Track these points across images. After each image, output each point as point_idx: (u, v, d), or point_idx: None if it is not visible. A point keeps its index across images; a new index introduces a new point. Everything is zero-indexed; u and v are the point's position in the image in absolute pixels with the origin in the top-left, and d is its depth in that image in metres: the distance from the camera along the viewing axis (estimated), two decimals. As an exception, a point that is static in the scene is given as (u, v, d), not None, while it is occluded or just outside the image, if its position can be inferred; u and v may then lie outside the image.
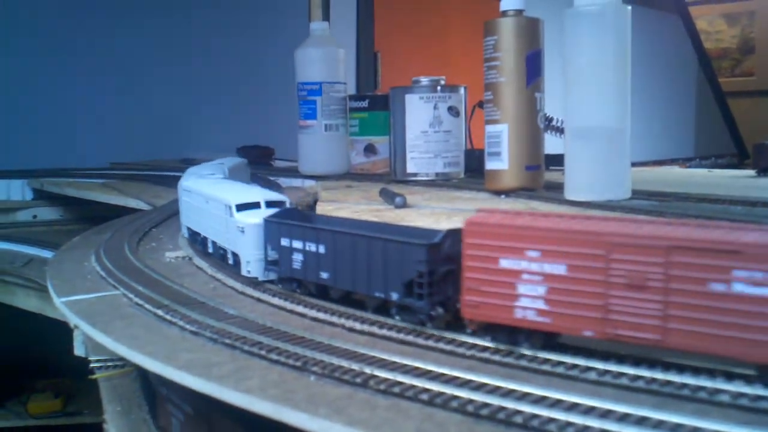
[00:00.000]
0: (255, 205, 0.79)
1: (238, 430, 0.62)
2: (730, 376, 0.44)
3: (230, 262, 0.81)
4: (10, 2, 2.45)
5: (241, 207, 0.79)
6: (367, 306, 0.64)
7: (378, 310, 0.62)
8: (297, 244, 0.70)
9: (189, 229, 0.98)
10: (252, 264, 0.76)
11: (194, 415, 0.71)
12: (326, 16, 2.81)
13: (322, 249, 0.67)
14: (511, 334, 0.52)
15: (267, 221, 0.75)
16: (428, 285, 0.56)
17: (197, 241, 0.93)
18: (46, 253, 1.66)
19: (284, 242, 0.71)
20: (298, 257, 0.70)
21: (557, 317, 0.49)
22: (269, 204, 0.79)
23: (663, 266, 0.44)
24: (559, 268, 0.49)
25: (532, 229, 0.50)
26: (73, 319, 0.71)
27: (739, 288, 0.42)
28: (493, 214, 0.54)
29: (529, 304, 0.50)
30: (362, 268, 0.63)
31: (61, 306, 0.74)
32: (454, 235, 0.56)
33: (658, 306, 0.45)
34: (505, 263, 0.51)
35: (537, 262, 0.50)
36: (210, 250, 0.88)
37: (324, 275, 0.67)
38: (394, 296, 0.59)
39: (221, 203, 0.82)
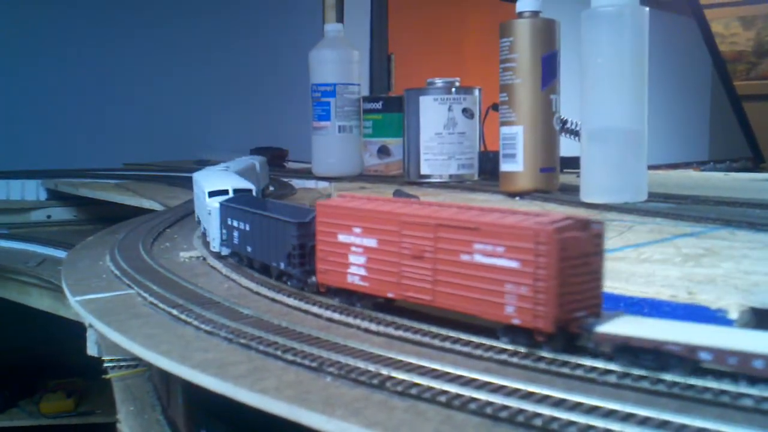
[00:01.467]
0: (224, 192, 0.91)
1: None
2: (753, 380, 0.43)
3: (207, 239, 0.93)
4: (27, 3, 2.47)
5: (213, 193, 0.91)
6: (272, 273, 0.76)
7: (278, 277, 0.75)
8: (236, 224, 0.83)
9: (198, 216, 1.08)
10: (215, 241, 0.89)
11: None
12: (340, 18, 2.82)
13: (247, 227, 0.80)
14: (348, 296, 0.64)
15: (221, 204, 0.87)
16: (300, 256, 0.68)
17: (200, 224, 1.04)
18: (60, 253, 1.67)
19: (229, 222, 0.85)
20: (236, 234, 0.83)
21: (372, 281, 0.61)
22: (236, 191, 0.92)
23: (432, 240, 0.56)
24: (372, 242, 0.60)
25: (357, 210, 0.62)
26: (87, 318, 0.71)
27: (478, 258, 0.52)
28: (340, 198, 0.66)
29: (356, 271, 0.62)
30: (265, 242, 0.76)
31: (75, 305, 0.74)
32: None
33: (429, 273, 0.56)
34: (341, 237, 0.63)
35: (359, 237, 0.62)
36: (202, 231, 0.99)
37: (249, 249, 0.80)
38: (282, 265, 0.72)
39: (202, 190, 0.95)
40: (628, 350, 0.47)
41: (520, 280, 0.49)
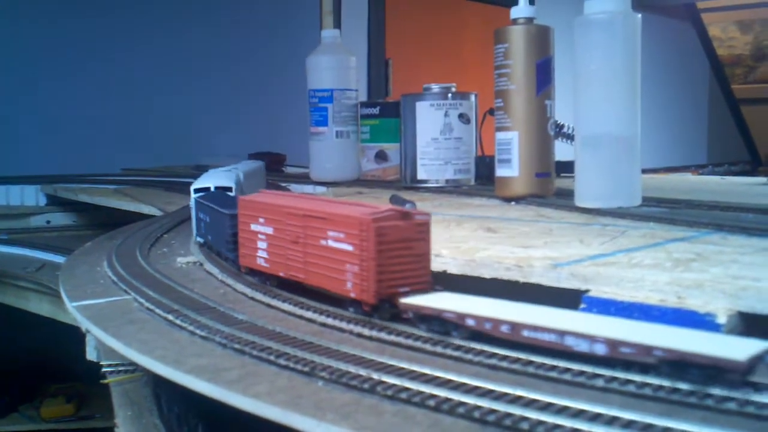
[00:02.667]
0: (207, 189, 1.00)
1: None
2: (737, 384, 0.44)
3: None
4: (27, 9, 2.47)
5: (197, 190, 0.99)
6: (222, 258, 0.87)
7: (225, 260, 0.86)
8: (202, 216, 0.94)
9: None
10: (195, 231, 0.99)
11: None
12: (338, 24, 2.83)
13: (208, 219, 0.90)
14: (261, 276, 0.76)
15: (194, 200, 0.97)
16: (233, 243, 0.80)
17: None
18: (59, 259, 1.67)
19: (200, 215, 0.95)
20: (203, 225, 0.93)
21: (270, 263, 0.73)
22: (217, 188, 1.00)
23: (303, 228, 0.67)
24: (270, 230, 0.72)
25: (262, 204, 0.73)
26: (84, 324, 0.71)
27: (330, 243, 0.63)
28: (256, 194, 0.79)
29: (261, 254, 0.74)
30: (215, 231, 0.87)
31: (72, 310, 0.75)
32: None
33: (302, 255, 0.67)
34: (252, 227, 0.75)
35: (263, 226, 0.73)
36: None
37: (210, 237, 0.91)
38: (223, 250, 0.83)
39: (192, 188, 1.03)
40: (423, 318, 0.57)
41: (353, 261, 0.60)
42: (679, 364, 0.45)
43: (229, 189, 1.01)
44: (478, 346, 0.54)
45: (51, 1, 2.54)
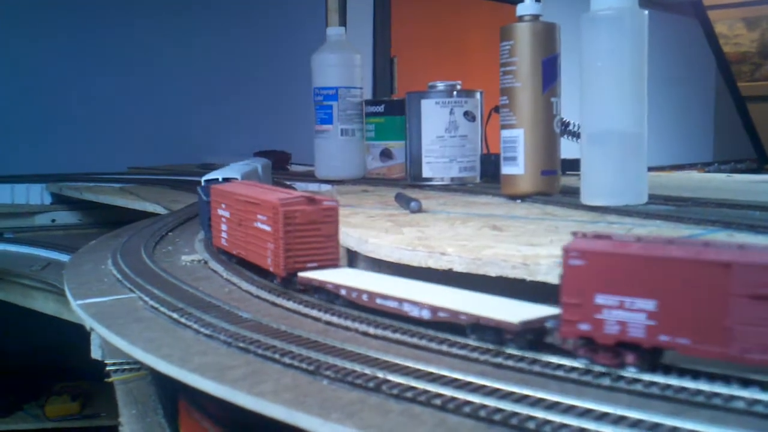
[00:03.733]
0: (216, 180, 1.04)
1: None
2: (745, 383, 0.43)
3: None
4: (32, 9, 2.48)
5: (207, 181, 1.03)
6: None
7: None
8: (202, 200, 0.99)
9: None
10: (200, 218, 1.05)
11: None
12: (343, 22, 2.82)
13: (202, 204, 0.98)
14: (225, 254, 0.87)
15: (199, 187, 1.01)
16: (208, 225, 0.92)
17: None
18: (65, 257, 1.67)
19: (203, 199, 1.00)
20: (204, 210, 0.97)
21: (229, 243, 0.84)
22: (225, 180, 1.05)
23: (244, 212, 0.77)
24: (228, 214, 0.83)
25: (224, 192, 0.84)
26: (88, 322, 0.71)
27: (259, 224, 0.74)
28: (226, 184, 0.90)
29: (224, 236, 0.85)
30: (203, 215, 0.97)
31: (77, 309, 0.75)
32: None
33: (243, 235, 0.79)
34: (219, 212, 0.86)
35: (225, 210, 0.84)
36: None
37: (204, 221, 0.97)
38: (204, 231, 0.96)
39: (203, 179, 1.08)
40: (315, 289, 0.68)
41: (270, 240, 0.71)
42: (477, 326, 0.54)
43: (235, 179, 1.06)
44: (482, 345, 0.53)
45: (57, 3, 2.54)
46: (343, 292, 0.65)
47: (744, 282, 0.42)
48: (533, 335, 0.52)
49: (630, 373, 0.46)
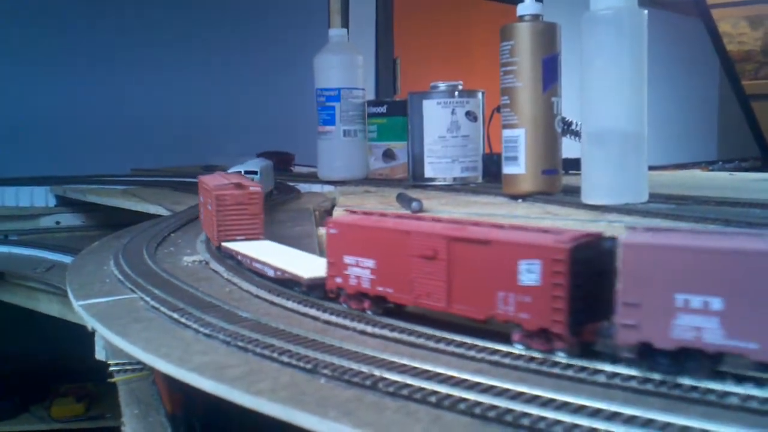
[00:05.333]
0: (238, 173, 1.17)
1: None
2: (740, 379, 0.44)
3: None
4: (35, 12, 2.49)
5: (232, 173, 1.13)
6: None
7: None
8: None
9: None
10: None
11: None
12: (345, 23, 2.82)
13: None
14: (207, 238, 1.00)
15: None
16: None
17: None
18: (69, 259, 1.68)
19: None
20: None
21: (206, 227, 0.98)
22: (247, 172, 1.21)
23: (213, 198, 0.89)
24: (202, 200, 0.99)
25: (203, 185, 0.97)
26: (90, 322, 0.72)
27: (209, 207, 0.90)
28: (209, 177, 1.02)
29: (201, 217, 1.01)
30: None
31: (78, 309, 0.75)
32: None
33: (206, 216, 0.97)
34: (200, 199, 1.02)
35: (202, 197, 0.99)
36: None
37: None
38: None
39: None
40: (230, 256, 0.87)
41: (213, 220, 0.89)
42: (288, 281, 0.72)
43: (255, 173, 1.24)
44: (479, 343, 0.53)
45: (61, 5, 2.55)
46: (239, 257, 0.84)
47: (415, 246, 0.57)
48: (320, 289, 0.67)
49: (624, 370, 0.47)
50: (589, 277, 0.48)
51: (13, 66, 2.45)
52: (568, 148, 1.28)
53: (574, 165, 1.32)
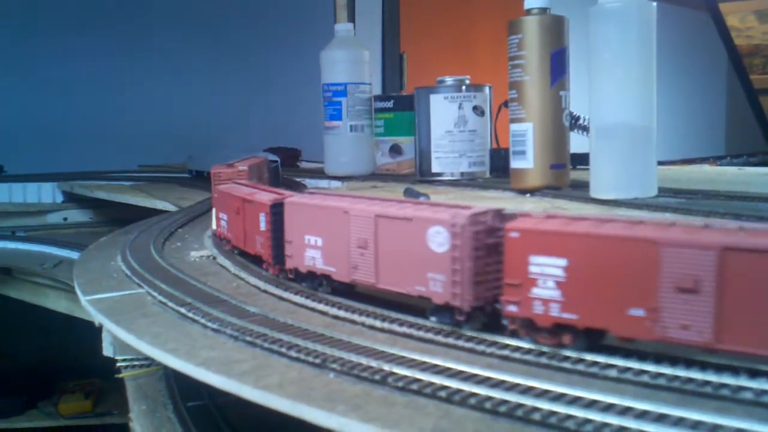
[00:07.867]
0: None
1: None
2: (753, 374, 0.43)
3: None
4: (44, 9, 2.49)
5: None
6: None
7: None
8: None
9: None
10: None
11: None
12: (351, 18, 2.82)
13: None
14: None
15: None
16: None
17: None
18: (76, 255, 1.67)
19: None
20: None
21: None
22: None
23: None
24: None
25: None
26: (97, 317, 0.71)
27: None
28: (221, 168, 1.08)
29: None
30: None
31: (86, 304, 0.75)
32: None
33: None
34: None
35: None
36: None
37: None
38: None
39: None
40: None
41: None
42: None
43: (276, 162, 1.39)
44: (488, 338, 0.53)
45: (68, 4, 2.55)
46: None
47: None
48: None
49: (636, 364, 0.46)
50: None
51: (20, 62, 2.45)
52: (576, 144, 1.27)
53: (582, 160, 1.32)
